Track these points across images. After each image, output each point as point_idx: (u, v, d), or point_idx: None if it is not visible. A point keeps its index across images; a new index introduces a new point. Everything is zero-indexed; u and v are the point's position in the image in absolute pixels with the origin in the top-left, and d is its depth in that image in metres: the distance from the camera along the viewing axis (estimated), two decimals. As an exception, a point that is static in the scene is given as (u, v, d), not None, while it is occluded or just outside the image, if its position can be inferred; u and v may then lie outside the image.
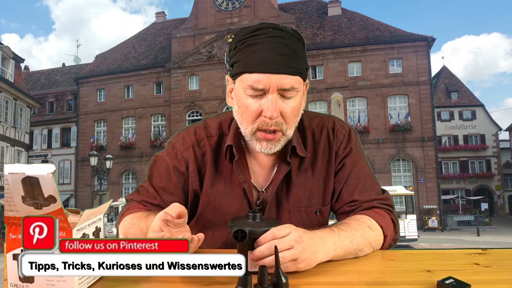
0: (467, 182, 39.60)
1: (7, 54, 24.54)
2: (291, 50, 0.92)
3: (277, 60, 0.91)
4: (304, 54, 0.97)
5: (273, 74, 0.91)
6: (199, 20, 32.11)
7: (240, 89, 0.96)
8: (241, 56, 0.94)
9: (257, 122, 0.95)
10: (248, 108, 0.95)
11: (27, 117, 27.20)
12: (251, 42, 0.93)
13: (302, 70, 0.94)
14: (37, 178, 0.61)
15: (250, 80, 0.92)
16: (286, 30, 0.95)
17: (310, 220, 1.04)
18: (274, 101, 0.91)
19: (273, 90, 0.91)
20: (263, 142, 0.96)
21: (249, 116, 0.95)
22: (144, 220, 0.93)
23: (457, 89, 41.73)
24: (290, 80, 0.92)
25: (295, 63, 0.92)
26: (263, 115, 0.93)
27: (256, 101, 0.93)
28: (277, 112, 0.92)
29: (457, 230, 27.38)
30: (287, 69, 0.91)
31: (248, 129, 0.97)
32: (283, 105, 0.93)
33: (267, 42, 0.92)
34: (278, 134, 0.96)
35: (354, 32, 29.71)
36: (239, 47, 0.95)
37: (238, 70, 0.95)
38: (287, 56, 0.91)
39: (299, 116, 1.00)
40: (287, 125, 0.96)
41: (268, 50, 0.91)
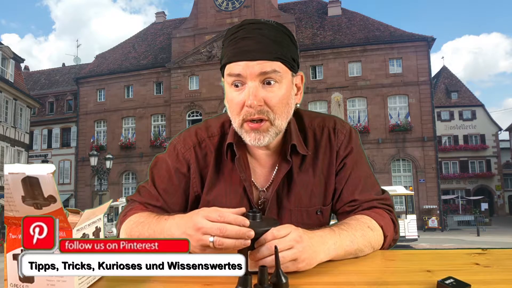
0: (467, 182, 39.59)
1: (7, 54, 24.54)
2: (270, 39, 0.94)
3: (255, 48, 0.92)
4: (290, 44, 0.97)
5: (250, 61, 0.92)
6: (199, 20, 32.12)
7: (226, 84, 0.97)
8: (225, 50, 0.97)
9: (242, 114, 0.95)
10: (233, 101, 0.96)
11: (27, 117, 27.20)
12: (234, 36, 0.96)
13: (284, 57, 0.94)
14: (37, 178, 0.61)
15: (229, 69, 0.94)
16: (268, 23, 0.97)
17: (311, 220, 1.04)
18: (254, 89, 0.92)
19: (252, 77, 0.92)
20: (251, 134, 0.96)
21: (234, 109, 0.96)
22: (155, 219, 0.91)
23: (457, 89, 41.72)
24: (270, 65, 0.92)
25: (275, 49, 0.93)
26: (245, 105, 0.94)
27: (239, 93, 0.94)
28: (258, 99, 0.92)
29: (457, 230, 27.37)
30: (265, 55, 0.92)
31: (236, 122, 0.97)
32: (266, 94, 0.93)
33: (246, 33, 0.94)
34: (265, 124, 0.95)
35: (354, 32, 29.70)
36: (225, 44, 0.98)
37: (222, 63, 0.98)
38: (265, 44, 0.93)
39: (289, 107, 0.99)
40: (275, 114, 0.95)
41: (247, 40, 0.93)
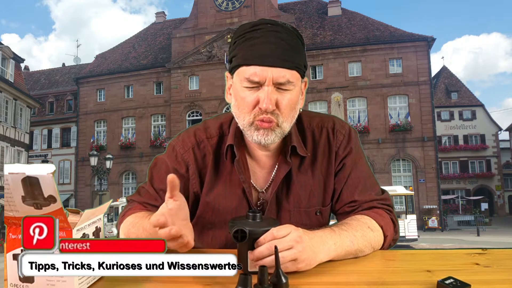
0: (467, 182, 39.58)
1: (7, 54, 24.54)
2: (289, 45, 0.94)
3: (274, 53, 0.92)
4: (303, 51, 0.98)
5: (269, 67, 0.92)
6: (199, 20, 32.11)
7: (238, 82, 0.97)
8: (239, 50, 0.96)
9: (253, 113, 0.96)
10: (244, 100, 0.96)
11: (27, 117, 27.19)
12: (250, 36, 0.95)
13: (299, 65, 0.95)
14: (37, 178, 0.61)
15: (247, 73, 0.94)
16: (285, 26, 0.96)
17: (310, 220, 1.04)
18: (270, 93, 0.92)
19: (269, 83, 0.93)
20: (260, 130, 0.96)
21: (245, 107, 0.96)
22: (147, 219, 0.93)
23: (457, 89, 41.72)
24: (286, 74, 0.93)
25: (292, 57, 0.94)
26: (259, 106, 0.94)
27: (252, 92, 0.95)
28: (272, 104, 0.93)
29: (457, 230, 27.37)
30: (284, 63, 0.92)
31: (245, 120, 0.97)
32: (279, 97, 0.94)
33: (264, 36, 0.94)
34: (273, 123, 0.96)
35: (354, 32, 29.69)
36: (238, 42, 0.97)
37: (236, 63, 0.97)
38: (284, 50, 0.93)
39: (295, 111, 1.00)
40: (282, 117, 0.96)
41: (266, 44, 0.93)
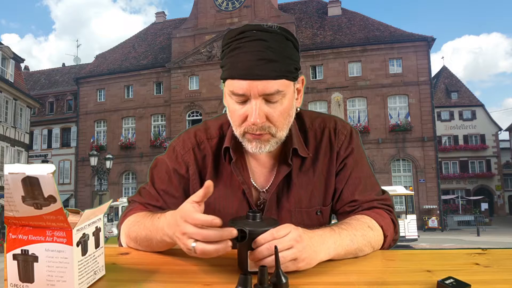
0: (467, 182, 39.59)
1: (7, 54, 24.53)
2: (276, 53, 0.89)
3: (259, 66, 0.88)
4: (294, 52, 0.94)
5: (254, 80, 0.89)
6: (199, 20, 32.10)
7: (227, 94, 0.96)
8: (226, 61, 0.93)
9: (243, 126, 0.95)
10: (234, 113, 0.95)
11: (27, 117, 27.18)
12: (235, 46, 0.91)
13: (288, 72, 0.92)
14: (37, 178, 0.61)
15: (232, 87, 0.92)
16: (271, 31, 0.91)
17: (311, 220, 1.04)
18: (258, 107, 0.90)
19: (256, 96, 0.90)
20: (253, 142, 0.96)
21: (236, 120, 0.96)
22: (150, 218, 0.92)
23: (457, 89, 41.72)
24: (274, 84, 0.89)
25: (279, 66, 0.89)
26: (248, 120, 0.93)
27: (241, 106, 0.93)
28: (261, 118, 0.91)
29: (457, 230, 27.37)
30: (270, 74, 0.89)
31: (237, 132, 0.98)
32: (269, 110, 0.92)
33: (249, 46, 0.90)
34: (266, 136, 0.95)
35: (354, 32, 29.69)
36: (225, 51, 0.94)
37: (223, 76, 0.96)
38: (269, 61, 0.88)
39: (290, 117, 0.99)
40: (276, 128, 0.95)
41: (250, 55, 0.89)
